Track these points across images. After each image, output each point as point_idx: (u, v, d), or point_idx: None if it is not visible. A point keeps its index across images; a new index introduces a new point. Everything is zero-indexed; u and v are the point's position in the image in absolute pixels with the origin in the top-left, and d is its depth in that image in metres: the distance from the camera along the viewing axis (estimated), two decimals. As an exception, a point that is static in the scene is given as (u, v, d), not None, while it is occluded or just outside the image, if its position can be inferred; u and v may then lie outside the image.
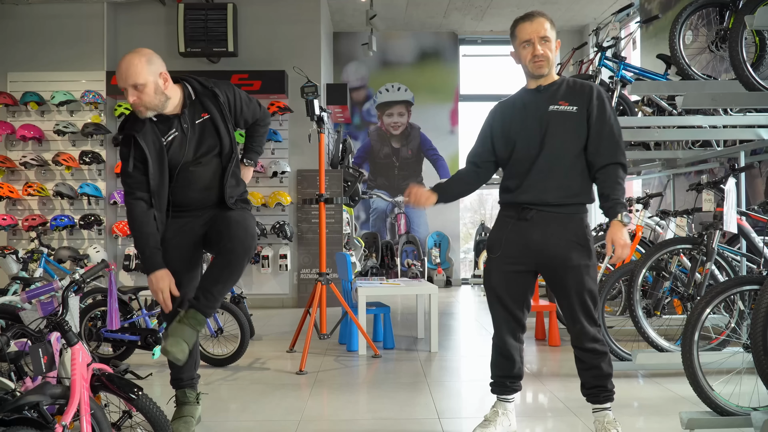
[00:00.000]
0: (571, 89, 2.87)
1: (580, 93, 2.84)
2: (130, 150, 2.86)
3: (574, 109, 2.81)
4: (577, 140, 2.82)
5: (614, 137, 2.82)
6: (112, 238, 7.90)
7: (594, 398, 2.90)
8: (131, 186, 2.88)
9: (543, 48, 2.81)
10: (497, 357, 3.03)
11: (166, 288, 2.85)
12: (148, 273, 2.86)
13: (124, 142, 2.89)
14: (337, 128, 9.50)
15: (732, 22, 4.21)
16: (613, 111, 2.87)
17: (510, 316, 2.96)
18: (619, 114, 5.31)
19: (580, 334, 2.84)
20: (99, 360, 3.34)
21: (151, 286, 2.87)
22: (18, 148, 7.72)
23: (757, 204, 4.60)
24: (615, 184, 2.77)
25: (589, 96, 2.83)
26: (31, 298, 3.21)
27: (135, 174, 2.87)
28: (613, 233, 2.72)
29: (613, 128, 2.83)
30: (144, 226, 2.86)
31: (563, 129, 2.82)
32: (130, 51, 2.92)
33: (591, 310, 2.83)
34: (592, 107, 2.82)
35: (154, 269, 2.84)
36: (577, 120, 2.82)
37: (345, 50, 10.86)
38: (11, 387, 2.35)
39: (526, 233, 2.85)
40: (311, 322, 4.88)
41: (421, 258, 10.51)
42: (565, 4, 9.46)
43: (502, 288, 2.93)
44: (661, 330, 4.22)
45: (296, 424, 3.36)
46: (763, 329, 2.70)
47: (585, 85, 2.88)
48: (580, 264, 2.80)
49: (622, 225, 2.71)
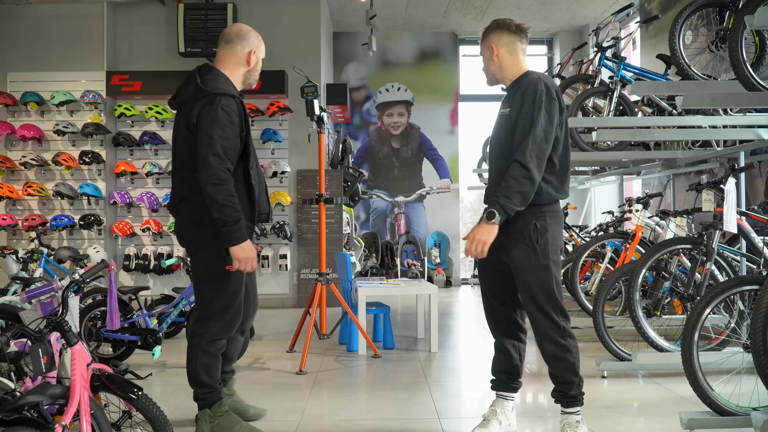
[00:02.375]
0: (513, 91, 2.92)
1: (515, 93, 2.88)
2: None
3: (508, 111, 2.88)
4: (510, 144, 2.83)
5: (522, 134, 2.76)
6: (112, 238, 7.90)
7: (558, 401, 2.97)
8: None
9: (485, 60, 3.03)
10: (495, 352, 3.11)
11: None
12: (240, 242, 2.87)
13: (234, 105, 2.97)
14: (337, 128, 9.50)
15: (732, 22, 4.20)
16: (533, 107, 2.76)
17: (498, 312, 3.04)
18: (619, 114, 5.32)
19: (537, 336, 2.90)
20: (99, 360, 3.34)
21: (242, 255, 2.88)
22: (18, 148, 7.72)
23: (757, 204, 4.60)
24: (504, 181, 2.73)
25: (518, 94, 2.85)
26: (31, 298, 3.22)
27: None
28: (474, 228, 2.76)
29: (521, 124, 2.78)
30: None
31: (503, 132, 2.90)
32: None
33: (546, 312, 2.82)
34: (512, 105, 2.85)
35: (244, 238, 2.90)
36: (509, 123, 2.86)
37: (345, 50, 10.86)
38: (11, 387, 2.35)
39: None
40: (311, 322, 4.88)
41: (421, 258, 10.51)
42: (565, 4, 9.46)
43: (485, 283, 3.09)
44: (661, 330, 4.22)
45: (296, 424, 3.36)
46: (763, 329, 2.70)
47: (521, 85, 2.88)
48: (524, 264, 2.82)
49: (484, 222, 2.71)
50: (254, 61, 3.12)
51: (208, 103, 2.91)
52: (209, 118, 2.88)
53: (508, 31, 2.95)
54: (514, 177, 2.70)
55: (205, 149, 2.85)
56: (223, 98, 2.93)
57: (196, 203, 2.94)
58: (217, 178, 2.83)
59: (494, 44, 2.96)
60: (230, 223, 2.84)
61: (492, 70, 3.00)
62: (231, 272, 2.98)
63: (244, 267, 2.91)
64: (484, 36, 3.01)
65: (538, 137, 2.73)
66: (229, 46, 3.08)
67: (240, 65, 3.09)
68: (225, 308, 3.04)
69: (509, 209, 2.69)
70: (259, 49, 3.14)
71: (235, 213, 2.85)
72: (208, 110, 2.90)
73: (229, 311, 3.05)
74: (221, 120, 2.88)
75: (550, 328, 2.83)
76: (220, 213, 2.83)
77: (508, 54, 2.95)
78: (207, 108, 2.90)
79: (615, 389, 4.03)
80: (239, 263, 2.90)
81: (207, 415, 3.05)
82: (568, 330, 2.85)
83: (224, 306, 3.03)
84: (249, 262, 2.91)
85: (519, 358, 3.05)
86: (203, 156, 2.85)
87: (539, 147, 2.73)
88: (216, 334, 3.04)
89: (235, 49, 3.08)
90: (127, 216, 7.94)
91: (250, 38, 3.11)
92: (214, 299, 3.02)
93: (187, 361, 3.07)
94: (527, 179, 2.69)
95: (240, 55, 3.08)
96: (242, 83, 3.13)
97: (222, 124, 2.87)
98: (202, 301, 3.06)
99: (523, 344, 3.06)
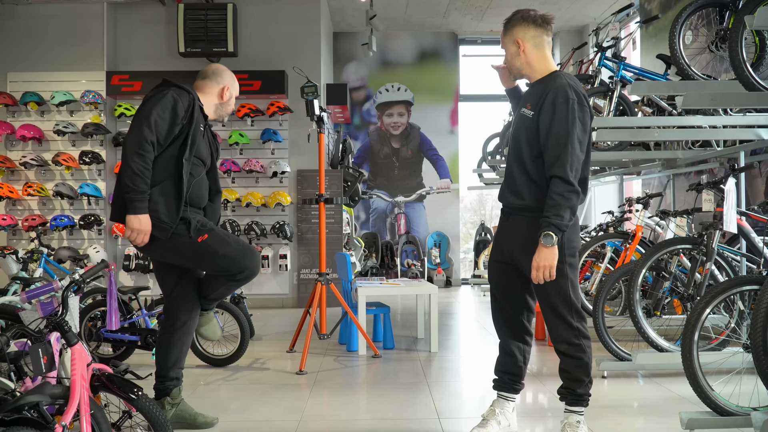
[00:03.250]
0: (539, 91, 2.80)
1: (540, 96, 2.77)
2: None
3: (531, 114, 2.80)
4: (531, 146, 2.78)
5: (557, 147, 2.67)
6: (112, 238, 7.90)
7: (563, 399, 2.94)
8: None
9: (509, 54, 2.91)
10: (499, 352, 3.10)
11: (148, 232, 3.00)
12: (139, 213, 2.94)
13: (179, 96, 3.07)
14: (337, 128, 9.50)
15: (732, 22, 4.20)
16: (568, 117, 2.68)
17: (506, 314, 3.02)
18: (619, 114, 5.31)
19: (551, 334, 2.89)
20: (99, 360, 3.34)
21: (137, 225, 2.95)
22: (18, 148, 7.72)
23: (757, 204, 4.60)
24: (549, 199, 2.67)
25: (543, 99, 2.75)
26: (31, 298, 3.21)
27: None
28: (535, 254, 2.68)
29: (555, 136, 2.68)
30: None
31: (523, 133, 2.82)
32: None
33: (561, 313, 2.81)
34: (542, 111, 2.74)
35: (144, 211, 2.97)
36: (532, 125, 2.78)
37: (345, 50, 10.86)
38: (11, 387, 2.35)
39: (505, 234, 2.96)
40: (311, 322, 4.88)
41: (421, 258, 10.51)
42: (565, 4, 9.46)
43: (493, 283, 3.06)
44: (661, 330, 4.22)
45: (296, 424, 3.36)
46: (763, 329, 2.70)
47: (547, 89, 2.77)
48: None
49: (543, 246, 2.64)
50: (227, 96, 3.35)
51: (161, 90, 3.07)
52: (155, 99, 3.02)
53: (534, 24, 2.82)
54: (559, 194, 2.64)
55: (139, 119, 2.97)
56: (179, 90, 3.09)
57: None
58: (141, 148, 2.93)
59: (520, 39, 2.83)
60: (135, 192, 2.92)
61: (518, 66, 2.88)
62: (206, 239, 3.09)
63: (134, 237, 2.97)
64: (508, 29, 2.86)
65: (576, 149, 2.67)
66: (206, 81, 3.33)
67: (213, 96, 3.32)
68: (240, 246, 3.18)
69: (563, 226, 2.64)
70: (232, 87, 3.37)
71: (143, 185, 2.93)
72: (157, 92, 3.06)
73: (241, 245, 3.19)
74: (165, 102, 3.00)
75: (565, 330, 2.82)
76: (130, 180, 2.92)
77: (535, 49, 2.83)
78: (157, 92, 3.07)
79: (615, 389, 4.03)
80: (131, 233, 2.96)
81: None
82: (583, 330, 2.83)
83: (236, 246, 3.16)
84: (141, 235, 2.97)
85: (523, 361, 3.04)
86: (136, 124, 2.97)
87: (577, 158, 2.67)
88: (255, 268, 3.24)
89: (211, 84, 3.32)
90: (127, 216, 7.93)
91: (224, 76, 3.35)
92: (227, 252, 3.12)
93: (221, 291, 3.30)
94: (572, 193, 2.65)
95: (214, 89, 3.32)
96: (214, 112, 3.34)
97: (164, 105, 3.00)
98: (219, 266, 3.15)
99: (528, 347, 3.05)
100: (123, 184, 2.95)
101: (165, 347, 3.25)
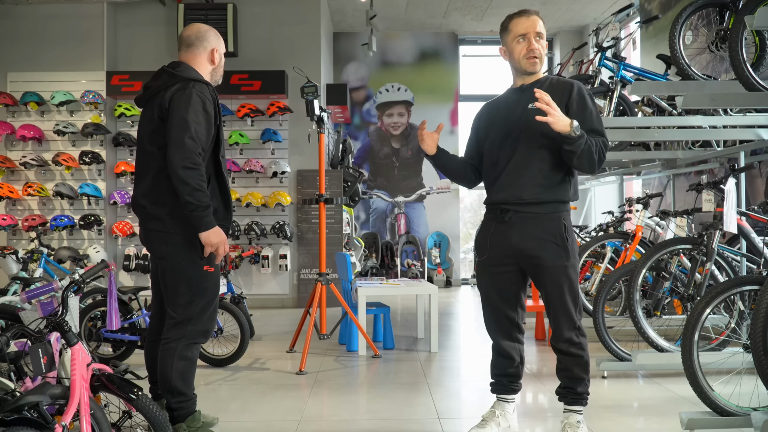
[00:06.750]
0: (552, 86, 2.86)
1: (561, 90, 2.83)
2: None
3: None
4: (552, 138, 2.77)
5: (598, 133, 2.78)
6: (112, 239, 7.90)
7: (563, 399, 2.94)
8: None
9: (538, 44, 2.87)
10: (495, 356, 3.07)
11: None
12: (211, 228, 2.83)
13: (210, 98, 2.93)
14: (337, 128, 9.50)
15: (732, 22, 4.20)
16: (595, 108, 2.84)
17: (503, 317, 3.00)
18: (619, 114, 5.31)
19: (556, 333, 2.87)
20: (99, 360, 3.34)
21: (216, 239, 2.85)
22: (18, 148, 7.72)
23: (757, 204, 4.60)
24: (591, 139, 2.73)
25: (569, 92, 2.81)
26: (31, 299, 3.21)
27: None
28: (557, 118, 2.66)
29: (594, 124, 2.79)
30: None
31: (540, 126, 2.78)
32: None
33: (570, 311, 2.82)
34: (571, 102, 2.79)
35: (214, 224, 2.88)
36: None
37: (345, 50, 10.86)
38: (11, 387, 2.35)
39: (506, 235, 2.87)
40: (311, 323, 4.88)
41: (421, 258, 10.51)
42: (565, 4, 9.46)
43: (492, 290, 2.99)
44: (661, 330, 4.22)
45: (296, 424, 3.36)
46: (763, 329, 2.70)
47: (566, 83, 2.88)
48: (555, 264, 2.80)
49: (569, 124, 2.63)
50: (218, 58, 3.11)
51: (181, 88, 2.86)
52: (183, 101, 2.82)
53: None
54: (598, 150, 2.73)
55: (179, 131, 2.77)
56: (197, 84, 2.90)
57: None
58: (191, 162, 2.76)
59: (545, 35, 2.93)
60: (201, 208, 2.78)
61: (543, 58, 2.97)
62: (209, 272, 2.94)
63: (220, 252, 2.88)
64: (542, 22, 2.94)
65: (606, 138, 2.82)
66: (192, 48, 3.05)
67: (205, 63, 3.07)
68: (203, 310, 2.97)
69: (588, 147, 2.68)
70: (219, 45, 3.12)
71: (206, 198, 2.80)
72: (182, 94, 2.84)
73: (206, 312, 2.98)
74: (195, 104, 2.82)
75: (570, 328, 2.83)
76: (192, 197, 2.76)
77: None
78: (180, 92, 2.85)
79: (615, 389, 4.03)
80: (212, 248, 2.86)
81: (182, 429, 2.94)
82: (583, 329, 2.87)
83: (202, 308, 2.96)
84: (222, 245, 2.88)
85: (520, 360, 3.04)
86: (177, 138, 2.76)
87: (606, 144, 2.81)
88: (194, 338, 2.96)
89: (198, 50, 3.05)
90: (127, 216, 7.95)
91: (209, 37, 3.08)
92: (193, 302, 2.94)
93: (160, 368, 2.94)
94: (606, 146, 2.78)
95: (203, 55, 3.06)
96: (210, 80, 3.09)
97: (195, 108, 2.82)
98: (178, 305, 2.94)
99: (521, 345, 3.05)
100: (185, 202, 2.77)
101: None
